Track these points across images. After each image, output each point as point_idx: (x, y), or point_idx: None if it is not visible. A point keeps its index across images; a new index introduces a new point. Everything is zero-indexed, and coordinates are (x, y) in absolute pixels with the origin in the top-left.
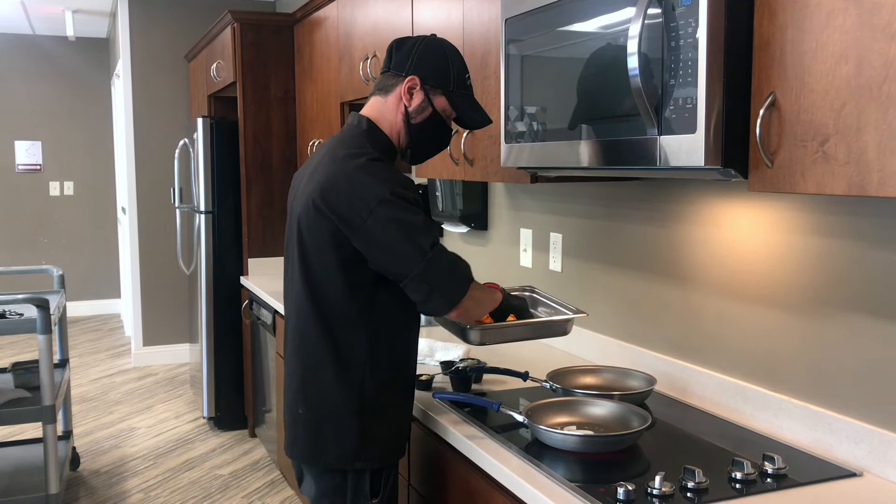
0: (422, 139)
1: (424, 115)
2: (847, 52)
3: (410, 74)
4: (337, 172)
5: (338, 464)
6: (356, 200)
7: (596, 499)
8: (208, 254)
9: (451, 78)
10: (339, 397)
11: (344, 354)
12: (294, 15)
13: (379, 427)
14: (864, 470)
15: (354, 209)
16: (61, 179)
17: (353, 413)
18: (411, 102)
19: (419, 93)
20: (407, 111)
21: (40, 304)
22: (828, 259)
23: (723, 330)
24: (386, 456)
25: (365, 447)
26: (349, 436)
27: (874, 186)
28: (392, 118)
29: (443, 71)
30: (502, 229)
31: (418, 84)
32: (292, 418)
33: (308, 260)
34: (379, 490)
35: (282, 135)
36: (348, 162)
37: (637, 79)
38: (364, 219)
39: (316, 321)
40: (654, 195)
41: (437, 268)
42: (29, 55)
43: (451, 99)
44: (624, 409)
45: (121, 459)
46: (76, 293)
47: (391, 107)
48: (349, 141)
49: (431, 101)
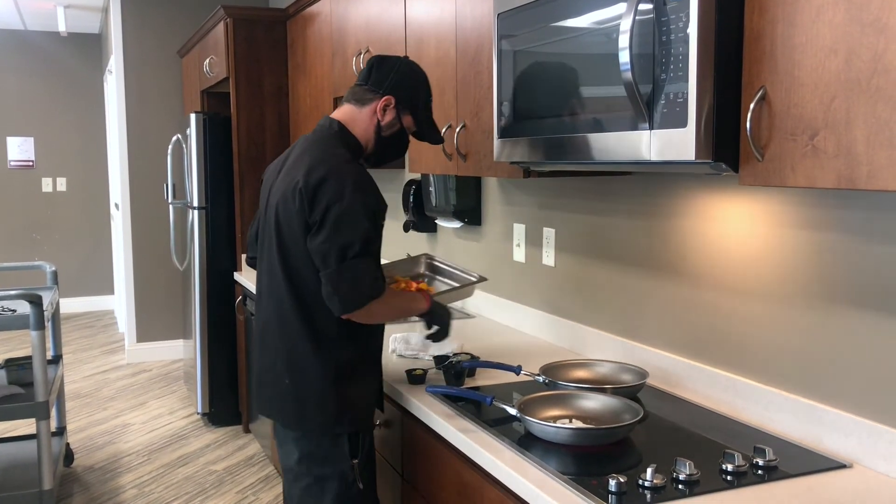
0: (385, 149)
1: (393, 130)
2: (836, 46)
3: (387, 94)
4: (320, 165)
5: (320, 429)
6: (331, 190)
7: (588, 491)
8: (202, 250)
9: (420, 101)
10: (319, 370)
11: (320, 332)
12: (287, 10)
13: (354, 395)
14: (853, 461)
15: (326, 194)
16: (54, 176)
17: (331, 383)
18: (384, 118)
19: (392, 111)
20: (379, 125)
21: (33, 300)
22: (818, 252)
23: (714, 323)
24: (361, 420)
25: (343, 413)
26: (329, 404)
27: (863, 180)
28: (365, 127)
29: (415, 95)
30: (496, 224)
31: (393, 103)
32: (278, 389)
33: (285, 249)
34: (357, 452)
35: (275, 130)
36: (337, 157)
37: (628, 74)
38: (325, 206)
39: (294, 304)
40: (646, 189)
41: (346, 276)
42: (21, 51)
43: (416, 118)
44: (616, 402)
45: (115, 455)
46: (69, 289)
47: (365, 118)
48: (325, 141)
49: (401, 119)
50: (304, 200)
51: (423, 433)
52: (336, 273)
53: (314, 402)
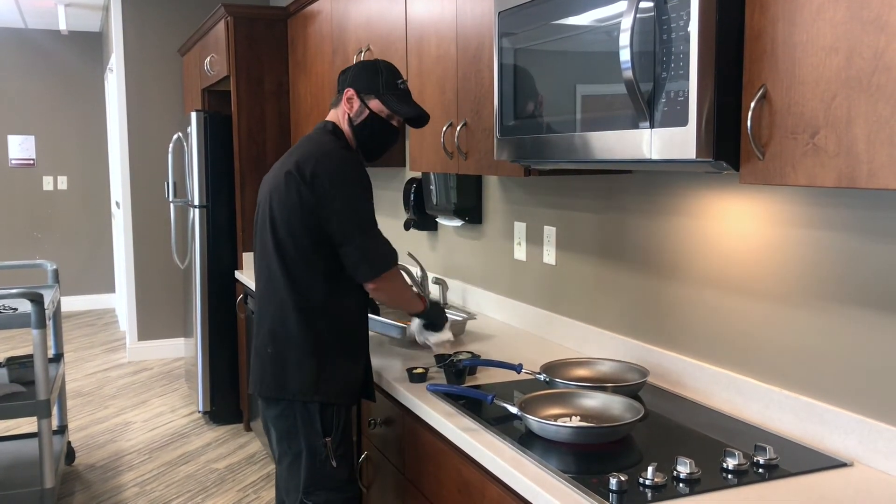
0: (366, 136)
1: (363, 117)
2: (837, 44)
3: (347, 87)
4: (316, 150)
5: (299, 396)
6: (330, 172)
7: (589, 489)
8: (202, 248)
9: (380, 84)
10: (300, 338)
11: (304, 302)
12: (287, 8)
13: (332, 367)
14: (854, 460)
15: (326, 177)
16: (55, 174)
17: (310, 353)
18: (352, 109)
19: (356, 100)
20: (350, 116)
21: (34, 298)
22: (818, 251)
23: (715, 322)
24: (337, 395)
25: (321, 382)
26: (306, 370)
27: (864, 178)
28: (342, 124)
29: (373, 80)
30: (496, 223)
31: (354, 94)
32: (261, 359)
33: (275, 225)
34: (331, 429)
35: (276, 128)
36: (326, 145)
37: (629, 72)
38: (327, 189)
39: (283, 275)
40: (646, 188)
41: (371, 244)
42: (21, 49)
43: (383, 100)
44: (617, 400)
45: (116, 454)
46: (70, 288)
47: (340, 116)
48: (316, 136)
49: (367, 105)
50: (299, 181)
51: (424, 431)
52: (362, 243)
53: (293, 367)
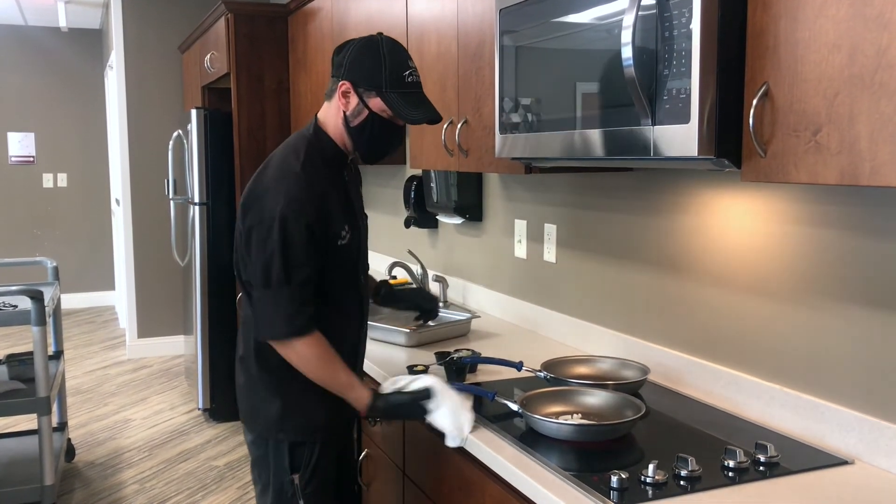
0: (364, 140)
1: (361, 117)
2: (840, 41)
3: (343, 79)
4: (270, 175)
5: (265, 432)
6: (260, 209)
7: (589, 487)
8: (202, 245)
9: (384, 78)
10: (265, 375)
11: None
12: (288, 6)
13: (301, 402)
14: (855, 458)
15: (256, 214)
16: (55, 171)
17: (274, 390)
18: (347, 106)
19: (353, 96)
20: (345, 115)
21: (34, 295)
22: (820, 249)
23: (716, 319)
24: (306, 432)
25: (284, 420)
26: (273, 408)
27: (866, 176)
28: (335, 122)
29: (374, 72)
30: (497, 220)
31: (351, 89)
32: (237, 382)
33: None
34: (300, 466)
35: (276, 126)
36: (283, 167)
37: (631, 69)
38: (252, 226)
39: (249, 303)
40: (648, 185)
41: (270, 300)
42: (21, 46)
43: (385, 99)
44: (618, 398)
45: (116, 451)
46: (70, 285)
47: (333, 111)
48: (289, 148)
49: (366, 103)
50: (242, 212)
51: (424, 429)
52: (261, 296)
53: (259, 402)
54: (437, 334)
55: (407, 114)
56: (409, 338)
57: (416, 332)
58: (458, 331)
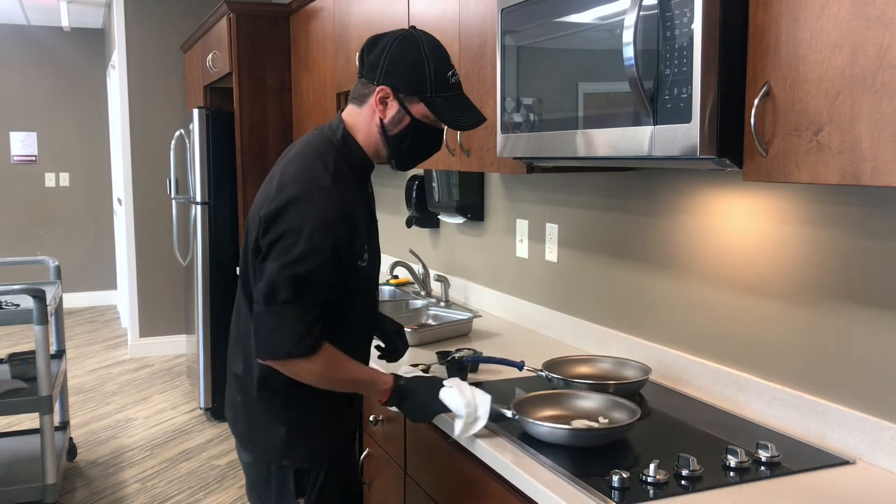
0: (405, 149)
1: (402, 125)
2: (841, 41)
3: (381, 84)
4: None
5: (265, 458)
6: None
7: (591, 486)
8: (204, 245)
9: (428, 82)
10: (266, 399)
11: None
12: (290, 5)
13: (306, 431)
14: (856, 458)
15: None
16: (57, 170)
17: (279, 413)
18: (385, 114)
19: (393, 103)
20: (382, 123)
21: (37, 294)
22: (822, 248)
23: (717, 319)
24: (312, 459)
25: (289, 447)
26: (276, 435)
27: (868, 175)
28: (367, 129)
29: (417, 75)
30: (499, 220)
31: (391, 94)
32: (231, 400)
33: (248, 260)
34: (305, 490)
35: (278, 125)
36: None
37: (632, 69)
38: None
39: (250, 319)
40: (649, 185)
41: (270, 319)
42: (24, 46)
43: (431, 105)
44: (613, 402)
45: (118, 450)
46: (72, 284)
47: (366, 118)
48: (313, 152)
49: (408, 110)
50: (260, 225)
51: (426, 428)
52: (261, 314)
53: (259, 428)
54: (439, 334)
55: (455, 120)
56: (410, 337)
57: (418, 331)
58: (459, 330)
